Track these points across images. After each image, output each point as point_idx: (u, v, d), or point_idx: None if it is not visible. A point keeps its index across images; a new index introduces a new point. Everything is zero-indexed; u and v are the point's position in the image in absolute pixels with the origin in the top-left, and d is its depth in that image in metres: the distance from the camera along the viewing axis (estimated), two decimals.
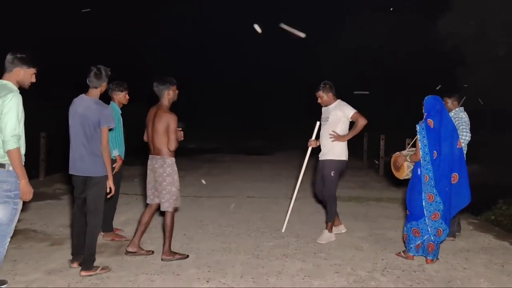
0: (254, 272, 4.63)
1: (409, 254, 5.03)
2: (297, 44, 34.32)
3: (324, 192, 5.86)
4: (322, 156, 5.88)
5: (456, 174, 4.98)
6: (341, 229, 6.07)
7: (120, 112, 5.64)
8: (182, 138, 4.97)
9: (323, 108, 6.02)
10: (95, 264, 4.45)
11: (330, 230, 5.78)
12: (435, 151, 4.87)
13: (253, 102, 34.66)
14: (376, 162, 12.85)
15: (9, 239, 3.75)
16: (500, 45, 18.72)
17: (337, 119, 5.77)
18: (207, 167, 12.91)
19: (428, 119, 4.95)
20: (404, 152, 5.36)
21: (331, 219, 5.80)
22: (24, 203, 3.79)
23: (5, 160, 3.61)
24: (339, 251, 5.34)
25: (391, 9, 25.18)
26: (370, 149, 13.59)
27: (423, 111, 5.06)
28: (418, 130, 4.97)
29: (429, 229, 4.89)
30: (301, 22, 35.03)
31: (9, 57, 3.72)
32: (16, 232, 5.79)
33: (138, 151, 5.69)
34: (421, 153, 4.92)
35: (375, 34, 26.48)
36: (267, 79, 35.49)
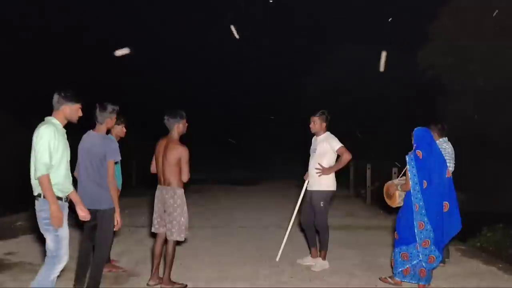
0: None
1: (397, 279, 5.16)
2: (277, 75, 35.03)
3: (316, 222, 5.97)
4: (311, 187, 6.03)
5: (447, 202, 5.15)
6: (307, 261, 6.09)
7: (118, 145, 5.76)
8: None
9: (313, 138, 6.22)
10: None
11: (324, 258, 5.91)
12: (425, 181, 5.04)
13: (235, 133, 34.91)
14: (363, 191, 13.09)
15: (58, 267, 3.87)
16: (478, 76, 19.38)
17: (323, 151, 5.94)
18: (194, 197, 12.96)
19: (417, 150, 5.14)
20: (395, 181, 5.57)
21: (324, 247, 5.94)
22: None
23: (41, 190, 3.75)
24: (333, 278, 5.47)
25: (372, 41, 25.95)
26: (357, 178, 13.83)
27: (413, 142, 5.26)
28: (407, 161, 5.17)
29: (420, 256, 5.03)
30: (284, 52, 35.94)
31: (55, 96, 3.91)
32: (12, 265, 5.85)
33: (125, 183, 5.80)
34: (411, 183, 5.13)
35: (356, 65, 27.11)
36: (249, 110, 35.84)
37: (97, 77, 22.80)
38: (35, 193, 3.79)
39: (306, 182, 6.18)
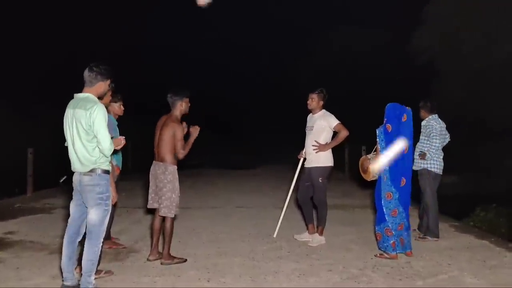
0: (251, 272, 4.83)
1: (391, 253, 5.29)
2: (274, 58, 34.98)
3: (315, 198, 6.09)
4: (308, 164, 6.11)
5: (404, 178, 5.36)
6: (304, 237, 6.20)
7: (117, 123, 5.81)
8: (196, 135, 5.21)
9: (308, 116, 6.30)
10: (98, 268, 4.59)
11: (321, 234, 6.02)
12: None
13: (231, 116, 34.94)
14: (358, 173, 13.19)
15: (101, 239, 3.98)
16: (472, 58, 19.45)
17: (321, 129, 6.03)
18: (192, 180, 13.05)
19: (387, 124, 5.34)
20: (369, 156, 5.72)
21: (322, 223, 6.05)
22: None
23: (97, 165, 3.89)
24: (330, 252, 5.58)
25: (368, 23, 25.97)
26: (352, 160, 13.93)
27: (384, 116, 5.42)
28: (377, 134, 5.37)
29: (390, 225, 5.26)
30: (278, 35, 35.86)
31: (90, 72, 3.94)
32: (13, 243, 5.94)
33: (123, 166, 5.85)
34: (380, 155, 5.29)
35: (351, 48, 27.14)
36: (245, 92, 35.85)
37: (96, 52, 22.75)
38: (87, 170, 3.89)
39: (301, 160, 6.27)
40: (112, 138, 4.83)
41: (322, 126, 6.03)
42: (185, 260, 5.15)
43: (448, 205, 9.37)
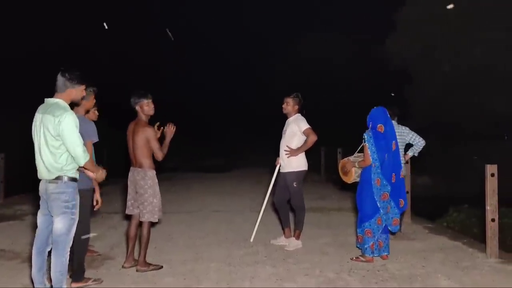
0: (228, 278, 4.81)
1: (368, 256, 5.35)
2: (250, 64, 35.01)
3: (292, 202, 6.11)
4: (283, 169, 6.14)
5: (394, 174, 5.44)
6: (280, 241, 6.20)
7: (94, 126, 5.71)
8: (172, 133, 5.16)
9: (286, 121, 6.31)
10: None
11: (298, 238, 6.04)
12: (386, 154, 5.34)
13: (207, 120, 34.79)
14: (334, 175, 13.31)
15: (68, 249, 3.86)
16: (445, 62, 19.86)
17: (292, 133, 6.04)
18: (167, 184, 12.94)
19: (378, 125, 5.39)
20: (351, 158, 5.75)
21: (299, 227, 6.07)
22: None
23: (63, 172, 3.78)
24: (306, 256, 5.60)
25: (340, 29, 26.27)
26: (328, 162, 14.04)
27: (368, 121, 5.49)
28: (366, 139, 5.39)
29: (380, 226, 5.36)
30: (252, 41, 35.93)
31: (60, 78, 3.85)
32: None
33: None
34: (371, 159, 5.32)
35: (324, 53, 27.35)
36: (222, 96, 35.79)
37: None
38: (53, 177, 3.77)
39: (278, 165, 6.28)
40: (95, 143, 4.80)
41: (293, 130, 6.04)
42: (161, 267, 5.10)
43: (421, 206, 9.55)
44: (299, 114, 6.18)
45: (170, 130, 5.16)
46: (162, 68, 33.69)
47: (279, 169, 6.27)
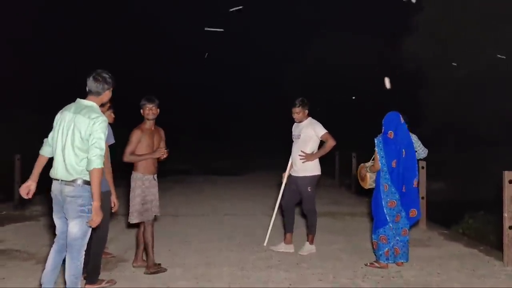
0: (241, 282, 4.80)
1: (382, 263, 5.30)
2: (261, 64, 35.01)
3: (304, 207, 6.05)
4: (296, 173, 6.06)
5: (404, 185, 5.37)
6: (280, 248, 6.09)
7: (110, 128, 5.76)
8: (162, 157, 5.11)
9: (294, 125, 6.26)
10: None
11: (311, 242, 6.01)
12: (394, 160, 5.28)
13: (219, 122, 34.89)
14: (347, 180, 13.25)
15: (83, 253, 3.81)
16: (460, 65, 19.68)
17: (308, 137, 5.98)
18: (180, 187, 13.01)
19: (388, 131, 5.36)
20: (367, 164, 5.71)
21: (312, 232, 6.04)
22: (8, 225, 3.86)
23: (81, 176, 3.71)
24: (320, 262, 5.56)
25: (356, 31, 26.15)
26: (342, 167, 13.95)
27: (382, 125, 5.47)
28: (376, 143, 5.37)
29: (386, 232, 5.28)
30: (266, 41, 35.94)
31: (96, 82, 3.81)
32: None
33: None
34: (379, 164, 5.29)
35: (340, 55, 27.24)
36: (233, 99, 35.86)
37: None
38: (70, 179, 3.70)
39: (287, 172, 6.24)
40: (111, 145, 4.83)
41: (309, 135, 5.99)
42: (165, 270, 5.10)
43: (436, 212, 9.44)
44: (311, 118, 6.13)
45: (159, 152, 5.08)
46: (174, 72, 33.90)
47: (289, 174, 6.23)
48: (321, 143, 6.05)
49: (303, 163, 5.95)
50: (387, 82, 21.32)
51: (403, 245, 5.33)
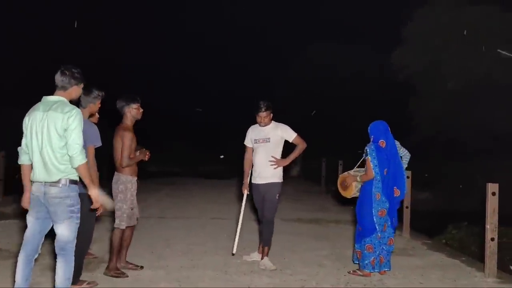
0: (223, 286, 4.79)
1: (365, 271, 5.30)
2: (251, 71, 35.09)
3: (266, 215, 5.65)
4: (264, 180, 5.62)
5: (396, 188, 5.39)
6: (254, 256, 5.83)
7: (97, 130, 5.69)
8: (146, 159, 5.04)
9: (253, 128, 5.84)
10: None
11: (267, 255, 5.66)
12: (385, 169, 5.30)
13: (210, 127, 34.81)
14: (334, 188, 13.28)
15: (73, 253, 3.73)
16: (450, 78, 19.89)
17: (278, 141, 5.65)
18: (169, 189, 12.97)
19: (380, 140, 5.37)
20: (351, 172, 5.66)
21: (269, 244, 5.70)
22: None
23: (64, 175, 3.62)
24: (303, 268, 5.57)
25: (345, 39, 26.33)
26: (328, 174, 14.00)
27: (370, 134, 5.46)
28: (368, 152, 5.32)
29: (371, 242, 5.27)
30: (254, 49, 36.10)
31: (64, 76, 3.71)
32: None
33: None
34: (373, 172, 5.29)
35: (329, 64, 27.33)
36: (223, 104, 35.85)
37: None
38: (54, 179, 3.60)
39: (245, 195, 5.92)
40: (98, 147, 4.74)
41: (278, 137, 5.65)
42: (127, 276, 4.96)
43: (421, 221, 9.50)
44: (274, 121, 5.76)
45: (143, 154, 5.01)
46: (165, 73, 33.86)
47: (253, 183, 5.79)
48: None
49: (274, 169, 5.62)
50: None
51: (387, 254, 5.34)
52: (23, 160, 3.80)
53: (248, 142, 5.84)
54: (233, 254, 5.84)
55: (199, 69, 35.97)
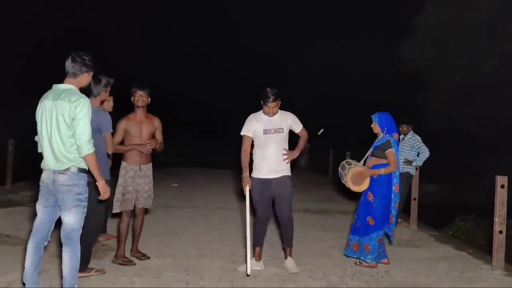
0: (230, 276, 4.80)
1: (371, 262, 5.29)
2: (262, 61, 35.04)
3: (285, 212, 5.05)
4: (278, 173, 5.00)
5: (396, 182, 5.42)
6: (253, 266, 4.95)
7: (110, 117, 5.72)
8: (144, 151, 5.00)
9: (257, 117, 5.17)
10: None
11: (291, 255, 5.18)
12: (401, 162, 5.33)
13: (217, 117, 34.88)
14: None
15: (79, 241, 3.74)
16: (458, 71, 19.73)
17: (288, 131, 5.13)
18: (174, 179, 12.99)
19: (393, 134, 5.38)
20: (364, 166, 5.57)
21: (291, 244, 5.20)
22: None
23: (74, 163, 3.61)
24: (310, 258, 5.57)
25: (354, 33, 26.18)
26: (336, 165, 13.95)
27: (382, 125, 5.41)
28: (392, 144, 5.28)
29: (382, 234, 5.33)
30: (267, 42, 36.02)
31: (74, 63, 3.68)
32: None
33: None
34: (397, 165, 5.32)
35: (338, 58, 27.24)
36: (232, 94, 35.87)
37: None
38: (63, 168, 3.59)
39: (247, 189, 5.06)
40: (112, 134, 4.75)
41: (289, 127, 5.12)
42: (135, 264, 4.97)
43: (428, 213, 9.49)
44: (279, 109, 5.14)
45: (141, 147, 4.96)
46: (173, 64, 33.87)
47: (261, 179, 5.05)
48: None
49: (287, 163, 5.06)
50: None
51: (383, 244, 5.41)
52: (40, 148, 3.80)
53: (249, 132, 5.15)
54: (247, 275, 4.79)
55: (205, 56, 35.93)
